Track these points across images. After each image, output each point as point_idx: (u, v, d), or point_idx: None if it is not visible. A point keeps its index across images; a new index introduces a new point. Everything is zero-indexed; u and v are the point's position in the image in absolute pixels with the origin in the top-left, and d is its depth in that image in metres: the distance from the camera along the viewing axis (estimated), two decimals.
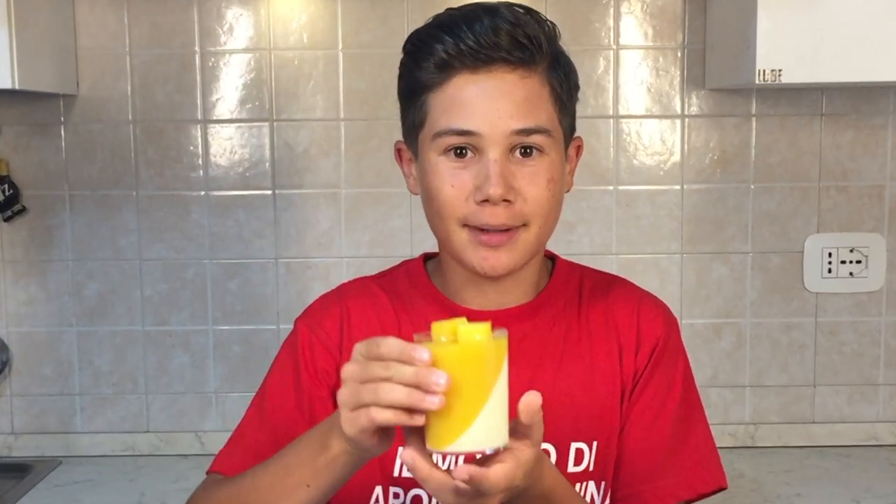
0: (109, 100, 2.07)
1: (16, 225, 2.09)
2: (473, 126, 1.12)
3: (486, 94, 1.12)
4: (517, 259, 1.17)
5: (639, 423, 1.22)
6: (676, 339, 1.27)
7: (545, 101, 1.15)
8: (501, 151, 1.13)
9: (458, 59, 1.12)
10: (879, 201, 2.10)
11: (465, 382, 0.94)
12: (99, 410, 2.13)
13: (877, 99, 2.07)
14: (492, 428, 0.95)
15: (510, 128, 1.12)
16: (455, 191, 1.14)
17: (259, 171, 2.08)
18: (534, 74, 1.14)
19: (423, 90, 1.15)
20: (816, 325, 2.12)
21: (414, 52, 1.17)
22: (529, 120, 1.13)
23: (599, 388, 1.22)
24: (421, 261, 1.31)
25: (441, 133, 1.14)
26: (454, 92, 1.13)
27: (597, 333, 1.24)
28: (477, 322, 0.96)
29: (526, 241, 1.16)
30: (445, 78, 1.13)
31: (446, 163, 1.14)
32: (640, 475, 1.21)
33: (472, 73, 1.12)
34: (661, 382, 1.23)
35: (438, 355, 0.94)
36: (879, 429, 2.14)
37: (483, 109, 1.12)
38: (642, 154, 2.09)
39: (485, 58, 1.11)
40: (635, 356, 1.23)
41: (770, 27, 1.73)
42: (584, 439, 1.20)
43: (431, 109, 1.15)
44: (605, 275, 1.32)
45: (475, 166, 1.13)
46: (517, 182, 1.13)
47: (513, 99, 1.12)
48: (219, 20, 2.06)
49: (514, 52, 1.12)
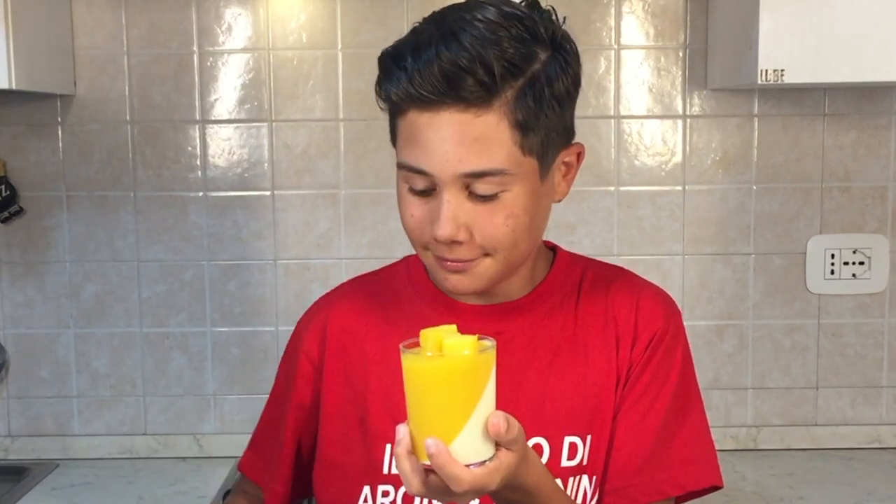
0: (107, 100, 2.06)
1: (13, 226, 2.08)
2: (425, 166, 1.09)
3: (436, 135, 1.07)
4: (482, 283, 1.15)
5: (629, 416, 1.21)
6: (676, 331, 1.25)
7: (502, 136, 1.07)
8: (455, 192, 1.09)
9: (409, 99, 1.08)
10: (882, 202, 2.08)
11: (449, 397, 0.94)
12: (96, 413, 2.12)
13: (880, 99, 2.06)
14: (476, 441, 0.95)
15: (458, 171, 1.07)
16: (415, 221, 1.13)
17: (258, 172, 2.07)
18: (489, 111, 1.06)
19: (393, 110, 1.13)
20: (819, 326, 2.11)
21: (379, 76, 1.13)
22: (480, 163, 1.07)
23: (594, 382, 1.21)
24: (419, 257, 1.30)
25: (401, 165, 1.12)
26: (411, 125, 1.09)
27: (594, 327, 1.23)
28: (464, 335, 0.96)
29: (489, 266, 1.14)
30: (402, 109, 1.10)
31: (409, 195, 1.13)
32: (628, 469, 1.20)
33: (423, 111, 1.08)
34: (655, 375, 1.21)
35: (422, 369, 0.95)
36: (882, 431, 2.13)
37: (433, 150, 1.07)
38: (644, 155, 2.08)
39: (435, 101, 1.06)
40: (631, 349, 1.22)
41: (772, 27, 1.72)
42: (578, 433, 1.20)
43: (398, 134, 1.13)
44: (610, 268, 1.30)
45: (433, 201, 1.11)
46: (473, 219, 1.10)
47: (462, 141, 1.06)
48: (217, 20, 2.05)
49: (468, 91, 1.05)
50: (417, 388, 0.96)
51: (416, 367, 0.96)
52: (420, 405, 0.96)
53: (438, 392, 0.94)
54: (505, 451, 0.97)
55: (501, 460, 0.97)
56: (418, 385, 0.96)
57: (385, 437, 1.19)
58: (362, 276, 1.36)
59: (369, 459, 1.20)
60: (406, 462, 0.96)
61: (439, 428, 0.94)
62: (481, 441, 0.95)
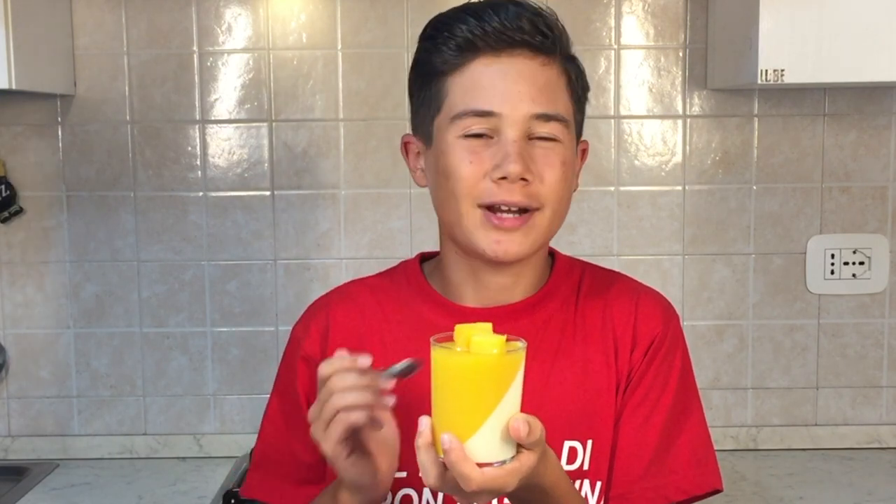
0: (107, 100, 2.06)
1: (13, 226, 2.08)
2: (494, 107, 1.14)
3: (508, 77, 1.14)
4: (529, 245, 1.17)
5: (631, 421, 1.21)
6: (675, 335, 1.25)
7: (563, 90, 1.18)
8: (520, 133, 1.14)
9: (481, 39, 1.13)
10: (882, 202, 2.08)
11: (471, 394, 0.94)
12: (96, 413, 2.12)
13: (880, 99, 2.06)
14: (494, 441, 0.95)
15: (530, 111, 1.14)
16: (473, 167, 1.14)
17: (258, 172, 2.07)
18: (553, 63, 1.16)
19: (442, 74, 1.16)
20: (819, 326, 2.11)
21: (434, 35, 1.18)
22: (549, 106, 1.15)
23: (594, 387, 1.21)
24: (417, 261, 1.31)
25: (460, 114, 1.15)
26: (475, 74, 1.14)
27: (593, 331, 1.23)
28: (495, 334, 0.97)
29: (540, 225, 1.17)
30: (467, 60, 1.15)
31: (465, 142, 1.15)
32: (631, 475, 1.20)
33: (496, 55, 1.14)
34: (655, 380, 1.22)
35: (447, 363, 0.95)
36: (882, 431, 2.12)
37: (504, 91, 1.13)
38: (644, 155, 2.08)
39: (508, 40, 1.13)
40: (631, 354, 1.22)
41: (772, 27, 1.72)
42: (578, 438, 1.20)
43: (450, 92, 1.16)
44: (606, 271, 1.31)
45: (494, 146, 1.14)
46: (534, 164, 1.14)
47: (534, 83, 1.14)
48: (217, 20, 2.05)
49: (536, 39, 1.14)
50: (441, 382, 0.97)
51: (441, 361, 0.96)
52: (442, 399, 0.97)
53: (460, 388, 0.95)
54: (526, 453, 0.97)
55: (522, 462, 0.97)
56: (442, 379, 0.96)
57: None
58: (359, 280, 1.35)
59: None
60: (425, 454, 0.97)
61: (458, 424, 0.94)
62: (499, 441, 0.95)
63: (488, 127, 1.14)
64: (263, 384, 1.89)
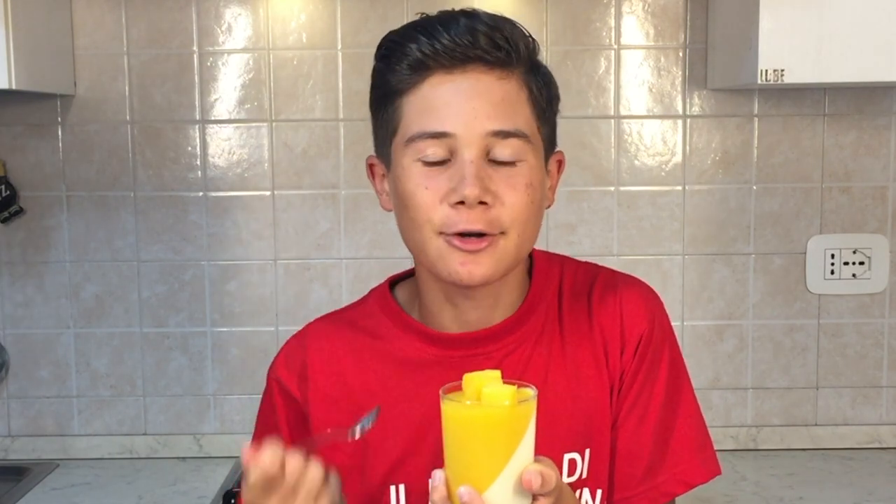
0: (107, 100, 2.06)
1: (13, 226, 2.08)
2: (448, 127, 1.08)
3: (462, 94, 1.08)
4: (496, 268, 1.11)
5: (627, 424, 1.20)
6: (661, 328, 1.23)
7: (523, 104, 1.11)
8: (477, 153, 1.08)
9: (432, 58, 1.08)
10: (882, 202, 2.08)
11: (486, 447, 0.93)
12: (96, 413, 2.12)
13: (880, 99, 2.06)
14: (510, 491, 0.94)
15: (486, 128, 1.08)
16: (430, 193, 1.09)
17: (258, 172, 2.07)
18: (511, 77, 1.10)
19: (396, 94, 1.12)
20: (819, 326, 2.11)
21: (387, 54, 1.14)
22: (507, 122, 1.09)
23: (589, 394, 1.19)
24: (387, 288, 1.26)
25: (414, 137, 1.10)
26: (428, 93, 1.09)
27: (581, 338, 1.20)
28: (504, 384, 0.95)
29: (505, 248, 1.11)
30: (419, 79, 1.10)
31: (420, 168, 1.10)
32: (632, 477, 1.19)
33: (448, 72, 1.09)
34: (647, 377, 1.20)
35: (459, 417, 0.94)
36: (882, 431, 2.12)
37: (458, 110, 1.08)
38: (644, 155, 2.08)
39: (461, 56, 1.08)
40: (621, 355, 1.20)
41: (772, 26, 1.72)
42: (577, 449, 1.18)
43: (405, 114, 1.11)
44: (584, 267, 1.26)
45: (450, 170, 1.09)
46: (494, 185, 1.08)
47: (490, 99, 1.08)
48: (217, 20, 2.05)
49: (491, 53, 1.08)
50: (454, 435, 0.95)
51: (453, 415, 0.95)
52: (456, 452, 0.95)
53: (475, 441, 0.94)
54: (542, 500, 0.96)
55: None
56: (455, 432, 0.95)
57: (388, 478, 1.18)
58: (332, 314, 1.29)
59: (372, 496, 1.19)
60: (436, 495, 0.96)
61: (474, 476, 0.93)
62: (516, 491, 0.94)
63: (444, 149, 1.09)
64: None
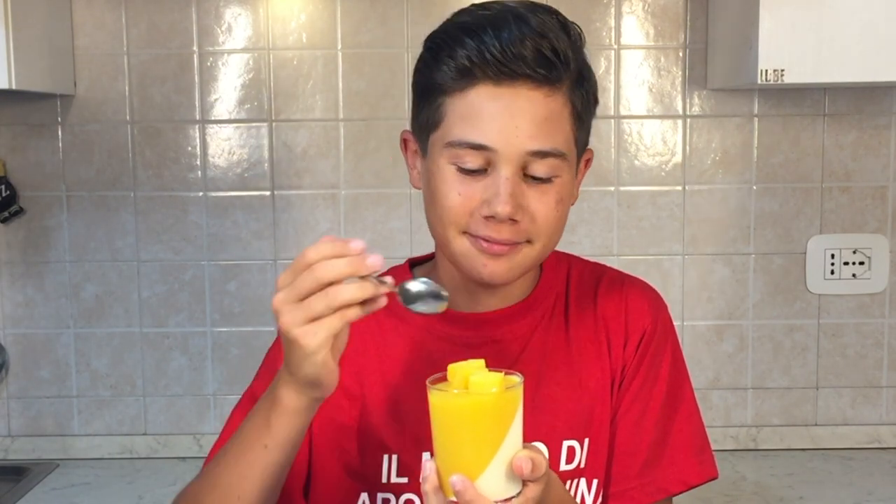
0: (107, 100, 2.06)
1: (13, 226, 2.08)
2: (489, 141, 1.08)
3: (507, 110, 1.08)
4: (517, 271, 1.14)
5: (627, 417, 1.21)
6: (664, 326, 1.25)
7: (565, 121, 1.12)
8: (514, 170, 1.09)
9: (480, 68, 1.08)
10: (882, 202, 2.08)
11: (476, 435, 0.94)
12: (96, 413, 2.12)
13: (880, 99, 2.06)
14: (502, 477, 0.95)
15: (526, 148, 1.08)
16: (462, 199, 1.10)
17: (258, 172, 2.07)
18: (557, 93, 1.10)
19: (441, 92, 1.12)
20: (819, 326, 2.11)
21: (435, 50, 1.13)
22: (547, 141, 1.09)
23: (589, 385, 1.21)
24: (407, 267, 1.28)
25: (455, 143, 1.10)
26: (474, 102, 1.09)
27: (585, 330, 1.23)
28: (490, 371, 0.95)
29: (528, 255, 1.13)
30: (466, 85, 1.09)
31: (455, 173, 1.11)
32: (629, 472, 1.21)
33: (496, 84, 1.08)
34: (648, 374, 1.22)
35: (448, 407, 0.95)
36: (882, 431, 2.12)
37: (501, 126, 1.08)
38: (644, 155, 2.08)
39: (509, 72, 1.07)
40: (623, 349, 1.22)
41: (772, 26, 1.72)
42: (576, 437, 1.20)
43: (448, 114, 1.11)
44: (591, 264, 1.30)
45: (485, 179, 1.10)
46: (526, 201, 1.10)
47: (533, 117, 1.08)
48: (217, 20, 2.05)
49: (540, 69, 1.08)
50: (443, 425, 0.96)
51: (441, 404, 0.95)
52: (446, 441, 0.96)
53: (464, 429, 0.94)
54: (531, 486, 0.97)
55: (528, 496, 0.96)
56: (444, 421, 0.96)
57: (383, 445, 1.19)
58: None
59: (366, 467, 1.19)
60: (434, 499, 0.96)
61: (465, 464, 0.94)
62: (507, 477, 0.95)
63: (482, 160, 1.09)
64: None
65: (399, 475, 1.18)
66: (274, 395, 1.04)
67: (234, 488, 1.07)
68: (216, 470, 1.11)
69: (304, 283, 0.95)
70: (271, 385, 1.06)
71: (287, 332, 0.97)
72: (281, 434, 1.04)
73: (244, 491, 1.07)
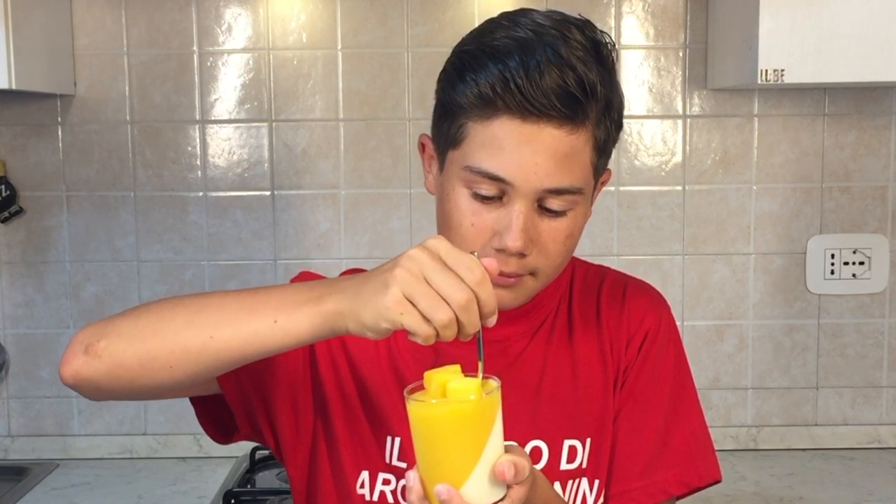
0: (107, 100, 2.06)
1: (13, 226, 2.08)
2: (507, 175, 1.07)
3: (528, 146, 1.06)
4: (520, 300, 1.15)
5: (629, 418, 1.21)
6: (668, 327, 1.25)
7: (586, 156, 1.10)
8: (528, 205, 1.08)
9: (502, 99, 1.06)
10: (882, 202, 2.08)
11: (458, 443, 0.93)
12: (96, 413, 2.12)
13: (880, 99, 2.06)
14: (486, 483, 0.95)
15: (543, 185, 1.07)
16: (474, 230, 1.10)
17: (258, 172, 2.07)
18: (581, 129, 1.08)
19: (464, 113, 1.10)
20: (819, 326, 2.11)
21: (460, 69, 1.11)
22: (565, 179, 1.08)
23: (591, 385, 1.21)
24: None
25: (473, 169, 1.09)
26: (496, 132, 1.07)
27: (588, 329, 1.23)
28: (468, 377, 0.95)
29: (531, 287, 1.14)
30: (491, 114, 1.07)
31: (469, 199, 1.10)
32: (630, 472, 1.20)
33: (520, 120, 1.06)
34: (651, 375, 1.22)
35: (428, 417, 0.94)
36: (882, 431, 2.12)
37: (521, 161, 1.06)
38: (644, 155, 2.08)
39: (533, 109, 1.05)
40: (626, 350, 1.22)
41: (773, 27, 1.72)
42: (577, 436, 1.20)
43: (468, 137, 1.09)
44: (594, 266, 1.30)
45: (499, 210, 1.09)
46: (537, 233, 1.09)
47: (554, 155, 1.07)
48: (217, 20, 2.05)
49: (565, 108, 1.05)
50: (424, 435, 0.95)
51: (421, 415, 0.95)
52: (427, 451, 0.95)
53: (446, 438, 0.94)
54: (516, 488, 0.97)
55: (514, 498, 0.96)
56: (425, 432, 0.95)
57: (387, 426, 1.18)
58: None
59: (368, 445, 1.19)
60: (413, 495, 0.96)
61: (449, 473, 0.94)
62: (491, 481, 0.95)
63: (497, 189, 1.08)
64: None
65: (400, 459, 1.17)
66: (318, 293, 1.00)
67: (213, 329, 1.04)
68: (205, 301, 1.07)
69: (455, 289, 0.95)
70: (319, 284, 1.03)
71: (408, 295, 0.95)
72: (297, 324, 1.00)
73: (219, 340, 1.03)
